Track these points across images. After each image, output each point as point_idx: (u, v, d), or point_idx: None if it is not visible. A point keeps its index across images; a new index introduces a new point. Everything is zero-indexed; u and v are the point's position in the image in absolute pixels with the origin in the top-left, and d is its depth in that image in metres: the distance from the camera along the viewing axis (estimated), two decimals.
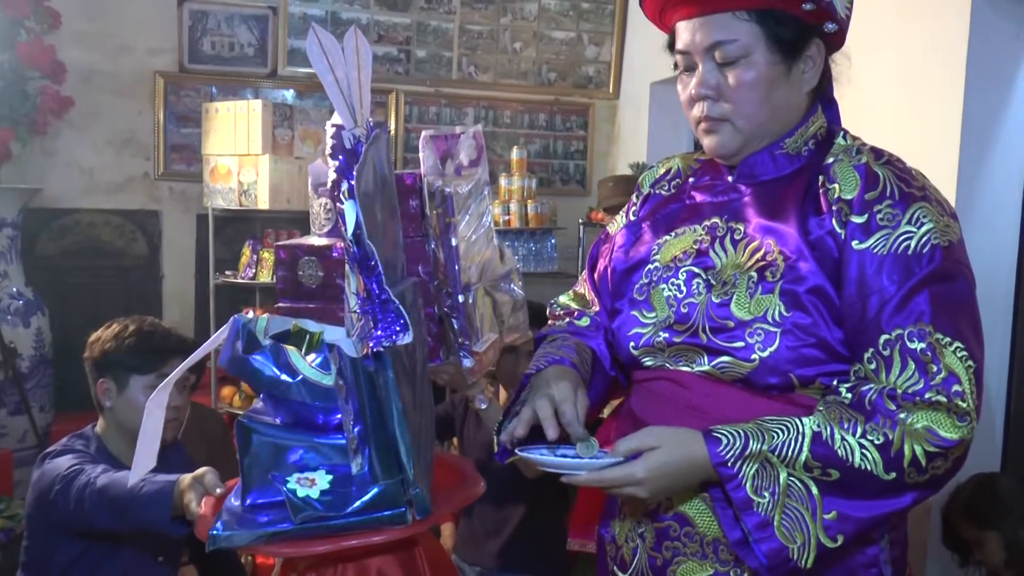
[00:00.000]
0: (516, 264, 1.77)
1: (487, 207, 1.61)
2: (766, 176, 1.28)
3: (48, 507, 1.71)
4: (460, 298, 1.46)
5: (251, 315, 1.18)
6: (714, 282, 1.23)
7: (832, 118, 1.33)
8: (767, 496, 1.13)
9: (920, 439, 1.10)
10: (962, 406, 1.11)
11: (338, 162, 1.03)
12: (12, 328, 3.72)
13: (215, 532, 1.13)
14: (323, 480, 1.13)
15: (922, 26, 2.71)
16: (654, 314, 1.29)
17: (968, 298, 1.17)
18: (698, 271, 1.26)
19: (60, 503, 1.67)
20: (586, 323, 1.44)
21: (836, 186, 1.20)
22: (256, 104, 3.78)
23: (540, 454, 1.19)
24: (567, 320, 1.47)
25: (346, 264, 1.05)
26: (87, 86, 4.14)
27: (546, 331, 1.48)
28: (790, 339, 1.17)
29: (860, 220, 1.17)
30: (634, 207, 1.46)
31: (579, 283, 1.53)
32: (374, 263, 1.01)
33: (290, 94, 4.50)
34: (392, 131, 4.64)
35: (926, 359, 1.12)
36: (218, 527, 1.14)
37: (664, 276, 1.29)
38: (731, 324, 1.20)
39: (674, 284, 1.27)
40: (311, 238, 1.47)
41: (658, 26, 1.33)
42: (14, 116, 3.72)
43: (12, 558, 2.52)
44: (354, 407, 1.10)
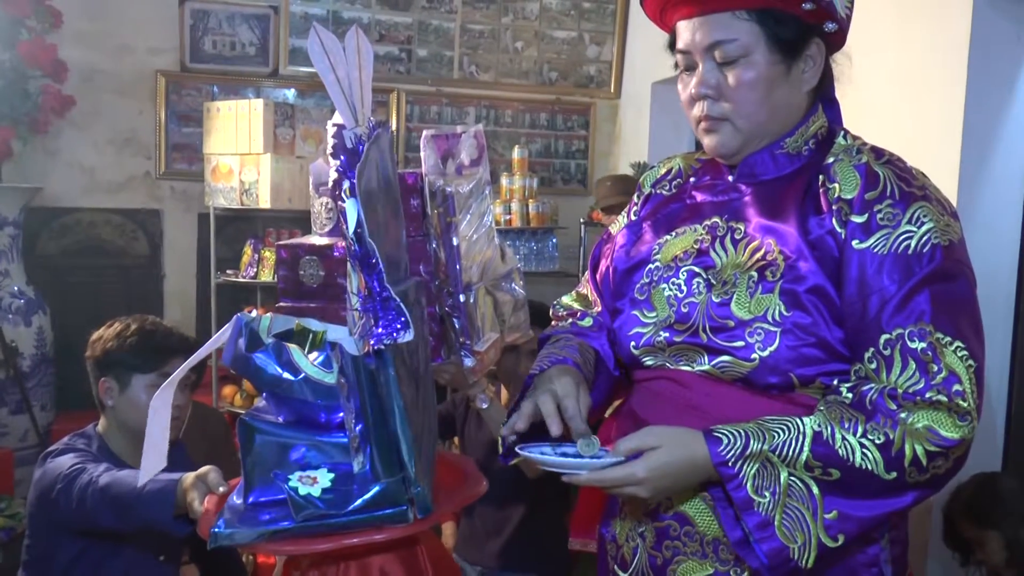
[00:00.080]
0: (517, 264, 1.77)
1: (488, 206, 1.61)
2: (766, 176, 1.28)
3: (50, 506, 1.71)
4: (461, 297, 1.46)
5: (254, 314, 1.18)
6: (714, 281, 1.23)
7: (833, 118, 1.33)
8: (768, 496, 1.13)
9: (921, 439, 1.11)
10: (963, 405, 1.11)
11: (339, 162, 1.03)
12: (13, 327, 3.73)
13: (217, 530, 1.13)
14: (325, 478, 1.13)
15: (923, 26, 2.71)
16: (655, 314, 1.29)
17: (969, 297, 1.17)
18: (698, 271, 1.26)
19: (62, 502, 1.67)
20: (589, 323, 1.44)
21: (836, 186, 1.20)
22: (257, 103, 3.78)
23: (541, 453, 1.20)
24: (570, 321, 1.47)
25: (348, 262, 1.05)
26: (88, 85, 4.15)
27: (549, 332, 1.48)
28: (790, 339, 1.17)
29: (860, 220, 1.17)
30: (635, 207, 1.46)
31: (582, 283, 1.53)
32: (375, 261, 1.01)
33: (291, 93, 4.51)
34: (393, 130, 4.65)
35: (927, 359, 1.12)
36: (220, 525, 1.14)
37: (665, 276, 1.29)
38: (731, 324, 1.20)
39: (674, 284, 1.27)
40: (312, 237, 1.47)
41: (659, 25, 1.33)
42: (15, 115, 3.73)
43: (13, 557, 2.52)
44: (356, 405, 1.10)
